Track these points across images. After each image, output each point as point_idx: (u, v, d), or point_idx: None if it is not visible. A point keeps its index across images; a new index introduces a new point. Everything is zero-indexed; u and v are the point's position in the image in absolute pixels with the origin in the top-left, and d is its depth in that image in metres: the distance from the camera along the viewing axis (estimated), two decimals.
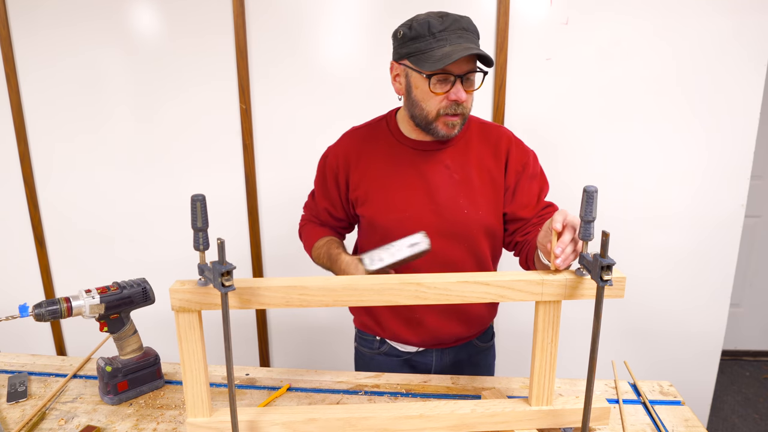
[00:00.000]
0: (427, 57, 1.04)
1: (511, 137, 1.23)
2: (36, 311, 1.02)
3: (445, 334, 1.27)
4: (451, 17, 1.05)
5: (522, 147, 1.23)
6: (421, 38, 1.05)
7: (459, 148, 1.19)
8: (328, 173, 1.26)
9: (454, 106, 1.08)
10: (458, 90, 1.06)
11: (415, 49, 1.06)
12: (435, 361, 1.32)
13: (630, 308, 1.96)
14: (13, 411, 1.08)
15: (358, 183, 1.21)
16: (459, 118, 1.10)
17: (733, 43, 1.71)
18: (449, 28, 1.04)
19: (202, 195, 0.81)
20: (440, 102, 1.08)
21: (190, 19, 1.82)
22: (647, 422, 1.05)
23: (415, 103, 1.11)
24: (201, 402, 0.93)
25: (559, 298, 0.91)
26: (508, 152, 1.20)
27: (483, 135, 1.22)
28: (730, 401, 2.57)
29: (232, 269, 0.80)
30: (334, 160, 1.24)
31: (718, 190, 1.84)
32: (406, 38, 1.08)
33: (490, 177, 1.19)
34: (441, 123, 1.10)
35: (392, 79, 1.16)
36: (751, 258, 2.81)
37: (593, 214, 0.83)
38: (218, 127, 1.91)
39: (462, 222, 1.16)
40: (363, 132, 1.26)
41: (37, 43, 1.88)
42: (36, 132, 1.97)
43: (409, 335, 1.27)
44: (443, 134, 1.12)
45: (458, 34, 1.04)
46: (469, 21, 1.07)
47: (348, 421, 0.96)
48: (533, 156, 1.23)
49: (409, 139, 1.19)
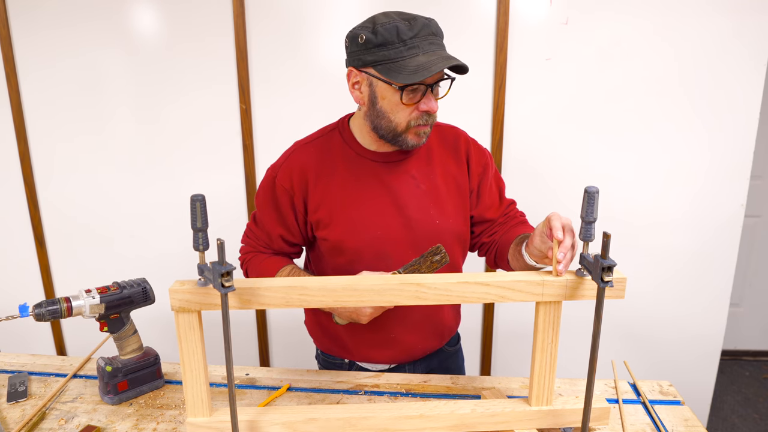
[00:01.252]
0: (399, 67, 0.96)
1: (468, 138, 1.20)
2: (36, 311, 1.02)
3: (418, 349, 1.24)
4: (420, 21, 0.97)
5: (479, 147, 1.20)
6: (388, 45, 0.96)
7: (421, 155, 1.14)
8: (281, 196, 1.12)
9: (425, 116, 1.02)
10: (429, 100, 1.00)
11: (382, 57, 0.97)
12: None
13: (630, 308, 1.96)
14: (13, 411, 1.08)
15: (318, 204, 1.11)
16: (429, 127, 1.05)
17: (734, 42, 1.71)
18: (419, 34, 0.96)
19: (202, 195, 0.81)
20: (410, 113, 1.01)
21: (190, 19, 1.82)
22: (647, 422, 1.05)
23: (381, 115, 1.03)
24: (201, 402, 0.93)
25: (559, 298, 0.91)
26: (468, 154, 1.17)
27: (440, 138, 1.17)
28: (729, 401, 2.57)
29: (231, 270, 0.80)
30: (287, 180, 1.11)
31: (719, 190, 1.84)
32: (370, 44, 0.98)
33: (455, 183, 1.15)
34: (412, 134, 1.03)
35: (350, 86, 1.07)
36: (751, 258, 2.81)
37: (594, 214, 0.83)
38: (218, 128, 1.91)
39: (434, 233, 1.12)
40: (315, 146, 1.14)
41: (37, 43, 1.88)
42: (36, 132, 1.97)
43: (381, 356, 1.22)
44: (413, 144, 1.05)
45: (429, 41, 0.97)
46: (436, 24, 1.01)
47: (348, 421, 0.96)
48: (489, 155, 1.21)
49: (369, 151, 1.11)
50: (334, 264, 1.15)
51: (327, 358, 1.33)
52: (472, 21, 1.75)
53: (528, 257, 1.00)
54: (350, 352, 1.25)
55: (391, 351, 1.22)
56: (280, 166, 1.14)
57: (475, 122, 1.83)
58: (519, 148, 1.85)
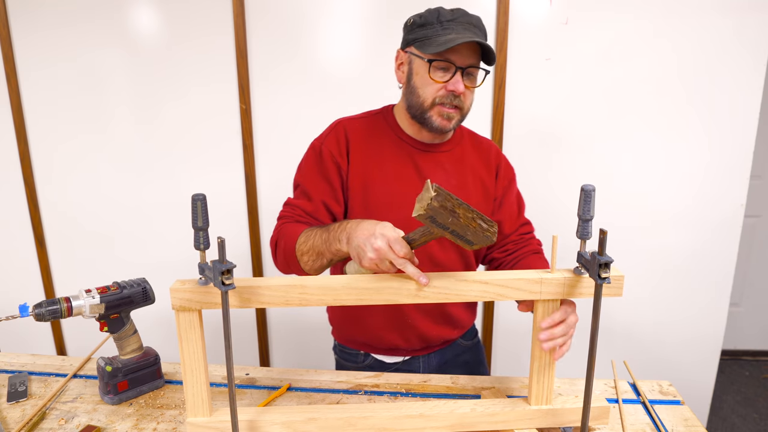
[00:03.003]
0: (430, 42, 1.04)
1: (500, 152, 1.27)
2: (36, 311, 1.02)
3: (433, 336, 1.26)
4: (462, 11, 1.06)
5: (508, 163, 1.27)
6: (428, 25, 1.06)
7: (455, 154, 1.20)
8: (327, 162, 1.14)
9: (451, 96, 1.06)
10: (457, 81, 1.04)
11: (421, 35, 1.06)
12: (421, 367, 1.31)
13: (630, 308, 1.97)
14: (14, 411, 1.08)
15: (355, 174, 1.14)
16: (455, 111, 1.08)
17: (733, 41, 1.71)
18: (458, 19, 1.05)
19: (203, 194, 0.81)
20: (437, 90, 1.06)
21: (190, 19, 1.82)
22: (647, 422, 1.05)
23: (413, 90, 1.09)
24: (201, 401, 0.93)
25: (557, 296, 0.92)
26: (498, 165, 1.23)
27: (475, 145, 1.23)
28: (729, 401, 2.57)
29: (232, 268, 0.80)
30: (334, 147, 1.15)
31: (718, 189, 1.84)
32: (415, 25, 1.08)
33: (482, 185, 1.20)
34: (436, 113, 1.08)
35: (396, 67, 1.15)
36: (751, 258, 2.81)
37: (591, 212, 0.83)
38: (218, 128, 1.91)
39: None
40: (359, 123, 1.19)
41: (37, 43, 1.88)
42: (36, 132, 1.97)
43: (400, 341, 1.25)
44: (437, 125, 1.09)
45: (465, 26, 1.04)
46: (479, 19, 1.08)
47: (348, 420, 0.96)
48: (515, 174, 1.28)
49: (408, 136, 1.17)
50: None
51: (343, 349, 1.34)
52: None
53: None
54: (367, 338, 1.26)
55: (406, 335, 1.24)
56: (326, 137, 1.17)
57: (475, 122, 1.82)
58: (519, 148, 1.85)
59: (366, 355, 1.30)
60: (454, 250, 1.19)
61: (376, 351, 1.29)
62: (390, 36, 1.79)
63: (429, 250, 1.14)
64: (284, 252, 1.08)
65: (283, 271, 1.12)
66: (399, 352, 1.28)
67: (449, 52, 1.03)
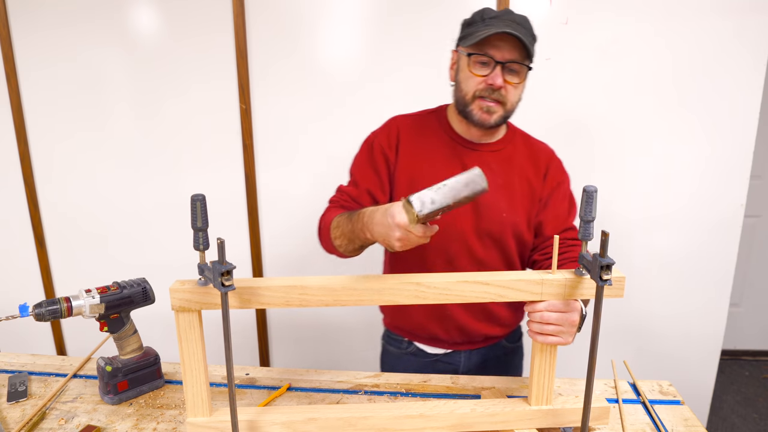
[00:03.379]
0: (470, 38, 1.08)
1: (553, 156, 1.27)
2: (36, 311, 1.02)
3: (474, 331, 1.27)
4: (507, 10, 1.10)
5: (561, 167, 1.27)
6: (473, 23, 1.11)
7: (504, 154, 1.21)
8: (377, 154, 1.21)
9: (490, 90, 1.09)
10: (496, 74, 1.07)
11: (467, 33, 1.11)
12: (462, 363, 1.33)
13: (629, 308, 1.96)
14: (13, 411, 1.08)
15: (404, 167, 1.19)
16: (496, 105, 1.11)
17: (733, 42, 1.71)
18: (501, 17, 1.08)
19: (202, 195, 0.81)
20: (478, 84, 1.09)
21: (190, 19, 1.82)
22: (647, 422, 1.05)
23: (458, 86, 1.15)
24: (201, 401, 0.93)
25: (558, 298, 0.92)
26: (548, 167, 1.23)
27: (527, 147, 1.25)
28: (729, 401, 2.57)
29: (232, 269, 0.80)
30: (384, 140, 1.21)
31: (718, 189, 1.84)
32: (463, 25, 1.14)
33: (529, 186, 1.21)
34: (476, 106, 1.11)
35: (450, 66, 1.20)
36: (751, 258, 2.81)
37: (593, 213, 0.83)
38: (218, 128, 1.91)
39: (498, 223, 1.18)
40: (412, 119, 1.25)
41: (37, 42, 1.88)
42: (36, 132, 1.97)
43: (440, 331, 1.27)
44: (478, 119, 1.12)
45: (506, 23, 1.06)
46: (524, 18, 1.10)
47: (348, 420, 0.96)
48: (569, 179, 1.27)
49: (458, 135, 1.20)
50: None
51: (390, 335, 1.39)
52: None
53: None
54: (411, 326, 1.30)
55: (446, 326, 1.26)
56: (379, 132, 1.24)
57: None
58: None
59: (410, 343, 1.34)
60: (495, 248, 1.20)
61: (420, 340, 1.32)
62: (390, 35, 1.79)
63: (470, 248, 1.18)
64: (322, 234, 1.17)
65: (327, 251, 1.20)
66: (441, 344, 1.30)
67: (488, 47, 1.06)
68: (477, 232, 1.18)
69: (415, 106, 1.82)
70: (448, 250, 1.18)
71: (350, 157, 2.01)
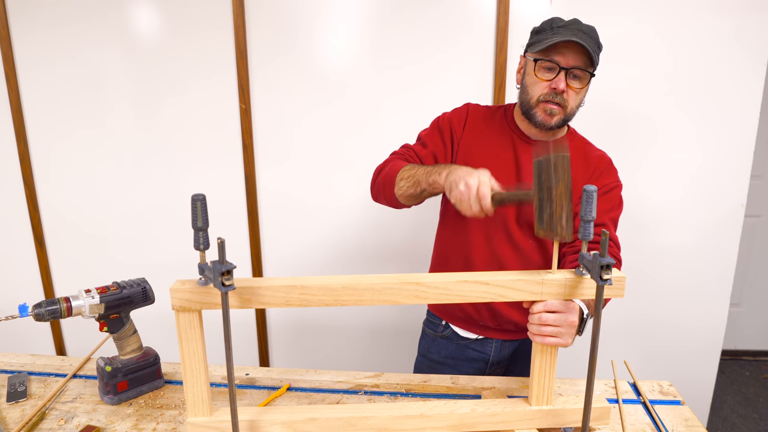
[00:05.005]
0: (538, 45, 1.15)
1: (606, 162, 1.29)
2: (36, 311, 1.02)
3: (503, 315, 1.31)
4: (575, 20, 1.16)
5: (612, 172, 1.29)
6: (542, 31, 1.17)
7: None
8: (444, 127, 1.30)
9: (553, 94, 1.14)
10: (560, 79, 1.13)
11: (535, 39, 1.18)
12: (494, 351, 1.38)
13: (630, 308, 1.96)
14: (13, 411, 1.08)
15: (465, 145, 1.27)
16: (558, 108, 1.16)
17: (733, 41, 1.71)
18: (568, 26, 1.14)
19: (203, 195, 0.81)
20: (543, 89, 1.16)
21: (189, 18, 1.82)
22: (647, 422, 1.05)
23: (524, 88, 1.21)
24: (201, 401, 0.93)
25: (559, 297, 0.92)
26: (600, 170, 1.27)
27: (583, 151, 1.28)
28: (729, 401, 2.57)
29: (232, 268, 0.80)
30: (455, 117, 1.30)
31: (718, 189, 1.84)
32: (533, 32, 1.21)
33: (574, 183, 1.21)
34: (540, 109, 1.17)
35: (517, 70, 1.27)
36: (751, 257, 2.81)
37: (593, 213, 0.83)
38: (218, 127, 1.91)
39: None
40: (483, 109, 1.33)
41: (37, 42, 1.88)
42: (36, 132, 1.97)
43: (471, 309, 1.34)
44: (540, 120, 1.18)
45: (573, 32, 1.12)
46: (591, 29, 1.15)
47: (348, 420, 0.96)
48: (620, 186, 1.29)
49: (519, 129, 1.27)
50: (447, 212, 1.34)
51: (430, 318, 1.47)
52: (472, 21, 1.75)
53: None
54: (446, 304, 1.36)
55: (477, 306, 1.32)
56: (452, 111, 1.33)
57: None
58: None
59: (446, 326, 1.41)
60: (534, 237, 1.24)
61: (455, 321, 1.39)
62: (390, 35, 1.79)
63: (509, 231, 1.25)
64: (386, 175, 1.22)
65: (373, 196, 1.29)
66: (474, 327, 1.37)
67: (554, 54, 1.13)
68: (517, 219, 1.24)
69: (415, 105, 1.83)
70: (489, 234, 1.26)
71: (351, 156, 2.02)
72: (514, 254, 1.26)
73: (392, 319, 2.08)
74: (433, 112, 1.38)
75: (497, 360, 1.39)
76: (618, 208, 1.28)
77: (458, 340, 1.40)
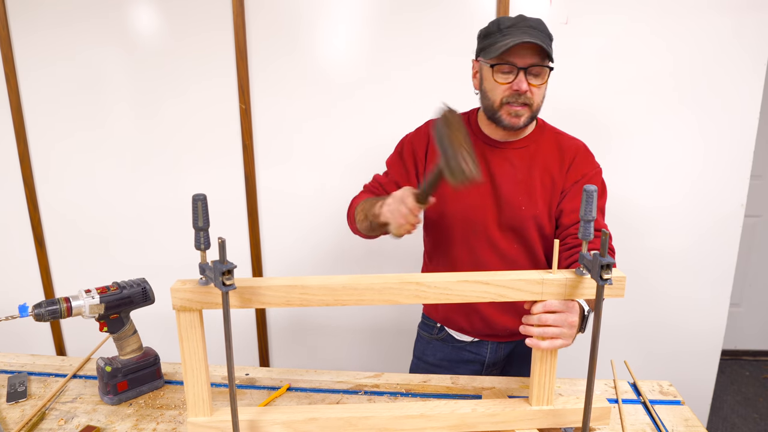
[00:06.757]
0: (491, 49, 1.13)
1: (582, 150, 1.28)
2: (36, 311, 1.02)
3: (498, 324, 1.31)
4: (521, 17, 1.13)
5: (590, 160, 1.28)
6: (491, 34, 1.15)
7: (528, 151, 1.24)
8: (407, 152, 1.30)
9: (516, 95, 1.13)
10: (520, 80, 1.12)
11: (486, 44, 1.16)
12: (489, 354, 1.38)
13: (630, 308, 1.96)
14: (13, 411, 1.08)
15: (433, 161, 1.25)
16: (524, 108, 1.15)
17: (733, 41, 1.71)
18: (517, 25, 1.12)
19: (204, 195, 0.81)
20: (504, 92, 1.14)
21: (189, 18, 1.82)
22: (647, 422, 1.05)
23: (484, 94, 1.19)
24: (202, 401, 0.93)
25: (559, 297, 0.92)
26: (574, 160, 1.25)
27: (555, 142, 1.27)
28: (729, 401, 2.57)
29: (233, 268, 0.80)
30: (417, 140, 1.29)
31: (718, 189, 1.84)
32: (480, 36, 1.19)
33: (551, 180, 1.24)
34: (505, 112, 1.16)
35: (472, 75, 1.25)
36: (751, 258, 2.81)
37: (593, 213, 0.83)
38: (218, 127, 1.91)
39: (519, 217, 1.22)
40: None
41: (37, 42, 1.88)
42: (35, 132, 1.97)
43: (464, 322, 1.34)
44: (507, 123, 1.17)
45: (523, 30, 1.11)
46: (538, 21, 1.14)
47: (348, 420, 0.96)
48: (598, 171, 1.28)
49: (485, 135, 1.26)
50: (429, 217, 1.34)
51: (425, 320, 1.47)
52: (472, 21, 1.75)
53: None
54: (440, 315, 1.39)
55: (471, 319, 1.33)
56: (413, 133, 1.34)
57: None
58: None
59: (441, 328, 1.41)
60: (518, 241, 1.25)
61: (450, 326, 1.39)
62: (390, 35, 1.79)
63: (491, 239, 1.24)
64: (348, 211, 1.32)
65: (353, 231, 1.33)
66: (468, 333, 1.37)
67: (509, 55, 1.11)
68: (499, 226, 1.24)
69: (415, 105, 1.83)
70: (472, 245, 1.25)
71: (351, 157, 2.02)
72: (499, 261, 1.25)
73: (392, 320, 2.08)
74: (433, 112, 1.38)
75: (493, 361, 1.39)
76: (602, 195, 1.27)
77: (454, 342, 1.40)
